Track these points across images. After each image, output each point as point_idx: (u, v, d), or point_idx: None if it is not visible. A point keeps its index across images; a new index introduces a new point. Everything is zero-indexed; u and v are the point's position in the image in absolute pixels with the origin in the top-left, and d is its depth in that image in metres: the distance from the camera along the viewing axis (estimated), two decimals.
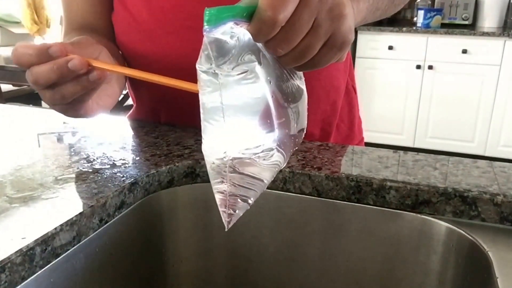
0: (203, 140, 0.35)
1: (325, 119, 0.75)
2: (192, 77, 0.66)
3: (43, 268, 0.40)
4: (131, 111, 0.82)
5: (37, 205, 0.44)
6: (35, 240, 0.38)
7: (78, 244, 0.43)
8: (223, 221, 0.37)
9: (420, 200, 0.50)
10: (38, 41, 3.37)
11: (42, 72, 0.45)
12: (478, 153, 3.12)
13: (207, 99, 0.33)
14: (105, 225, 0.47)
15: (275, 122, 0.36)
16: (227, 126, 0.33)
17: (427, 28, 3.08)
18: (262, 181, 0.38)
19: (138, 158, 0.58)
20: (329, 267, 0.56)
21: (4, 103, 2.46)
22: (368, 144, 0.79)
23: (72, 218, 0.42)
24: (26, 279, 0.38)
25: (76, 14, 0.71)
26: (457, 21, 3.32)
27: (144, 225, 0.54)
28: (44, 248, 0.39)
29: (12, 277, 0.36)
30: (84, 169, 0.53)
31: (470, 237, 0.47)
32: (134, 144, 0.64)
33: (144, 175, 0.52)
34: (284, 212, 0.56)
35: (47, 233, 0.40)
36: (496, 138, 3.07)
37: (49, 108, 0.54)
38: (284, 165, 0.40)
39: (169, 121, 0.73)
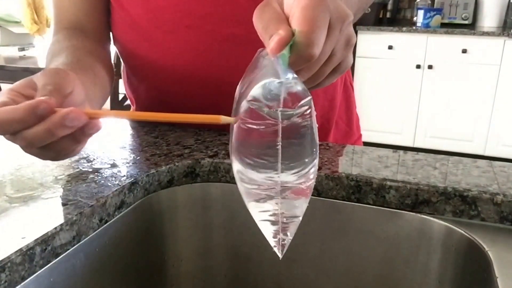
0: (239, 172, 0.35)
1: (324, 115, 0.75)
2: (188, 75, 0.67)
3: (43, 267, 0.40)
4: (131, 111, 0.82)
5: (37, 205, 0.44)
6: (35, 240, 0.38)
7: (78, 244, 0.43)
8: (275, 250, 0.36)
9: (420, 199, 0.50)
10: (38, 40, 3.37)
11: (36, 135, 0.39)
12: (478, 152, 3.12)
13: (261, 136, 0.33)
14: (105, 225, 0.47)
15: (316, 138, 0.36)
16: (282, 160, 0.33)
17: (427, 28, 3.08)
18: (306, 199, 0.37)
19: (138, 157, 0.58)
20: (329, 267, 0.56)
21: None
22: (367, 144, 0.79)
23: (72, 217, 0.42)
24: (26, 279, 0.38)
25: (66, 13, 0.70)
26: (457, 21, 3.32)
27: (144, 224, 0.54)
28: (44, 248, 0.39)
29: (12, 276, 0.36)
30: (84, 169, 0.53)
31: (470, 237, 0.47)
32: (134, 143, 0.64)
33: (144, 174, 0.52)
34: None
35: (47, 233, 0.40)
36: (496, 137, 3.07)
37: None
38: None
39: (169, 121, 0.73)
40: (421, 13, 3.16)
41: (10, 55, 3.01)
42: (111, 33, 0.73)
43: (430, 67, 3.09)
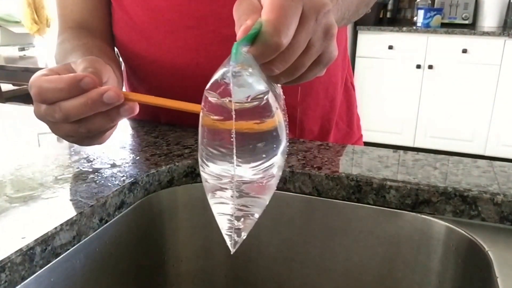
0: (202, 163, 0.35)
1: (324, 115, 0.75)
2: (188, 76, 0.67)
3: (43, 267, 0.40)
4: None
5: (37, 205, 0.44)
6: (35, 240, 0.38)
7: (78, 244, 0.43)
8: (228, 244, 0.36)
9: (420, 199, 0.50)
10: (38, 40, 3.37)
11: (74, 107, 0.41)
12: (478, 152, 3.12)
13: (216, 126, 0.33)
14: (105, 225, 0.47)
15: (279, 136, 0.37)
16: (238, 153, 0.33)
17: (427, 28, 3.08)
18: (267, 197, 0.37)
19: (138, 157, 0.58)
20: (329, 266, 0.56)
21: (4, 102, 2.46)
22: (368, 144, 0.79)
23: (72, 217, 0.42)
24: (26, 279, 0.38)
25: (71, 12, 0.70)
26: (457, 21, 3.32)
27: (144, 224, 0.54)
28: (44, 248, 0.39)
29: (12, 276, 0.36)
30: (84, 169, 0.53)
31: (470, 237, 0.47)
32: (134, 143, 0.64)
33: (144, 174, 0.52)
34: (284, 212, 0.56)
35: (47, 233, 0.40)
36: (496, 137, 3.07)
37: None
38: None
39: (169, 121, 0.73)
40: (421, 13, 3.16)
41: (10, 55, 3.02)
42: None
43: (430, 67, 3.09)
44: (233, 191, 0.34)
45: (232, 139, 0.32)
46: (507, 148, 3.06)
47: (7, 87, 2.87)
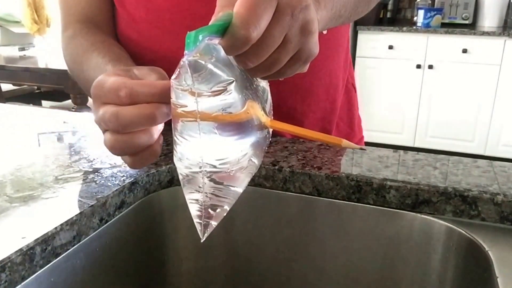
0: (175, 153, 0.35)
1: (325, 117, 0.75)
2: None
3: (43, 267, 0.40)
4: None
5: (37, 205, 0.44)
6: (35, 240, 0.38)
7: (78, 244, 0.43)
8: (198, 231, 0.36)
9: (420, 199, 0.50)
10: (38, 40, 3.37)
11: (166, 114, 0.37)
12: (478, 152, 3.12)
13: (183, 115, 0.33)
14: (105, 225, 0.47)
15: (249, 129, 0.37)
16: (203, 141, 0.33)
17: (427, 28, 3.08)
18: (238, 188, 0.37)
19: None
20: (329, 266, 0.56)
21: (4, 102, 2.46)
22: (368, 144, 0.79)
23: (72, 217, 0.42)
24: (26, 279, 0.38)
25: (77, 6, 0.70)
26: (457, 21, 3.32)
27: (144, 224, 0.54)
28: (44, 248, 0.39)
29: (12, 276, 0.36)
30: (84, 169, 0.53)
31: (470, 237, 0.47)
32: None
33: (144, 174, 0.52)
34: (284, 212, 0.56)
35: (47, 233, 0.40)
36: (496, 137, 3.07)
37: (49, 108, 0.53)
38: (257, 169, 0.40)
39: (169, 121, 0.73)
40: (421, 13, 3.16)
41: (10, 55, 3.01)
42: None
43: (430, 67, 3.09)
44: (202, 179, 0.34)
45: (197, 128, 0.33)
46: (507, 148, 3.06)
47: (7, 87, 2.87)
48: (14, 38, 3.38)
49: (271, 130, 0.42)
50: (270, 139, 0.41)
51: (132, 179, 0.51)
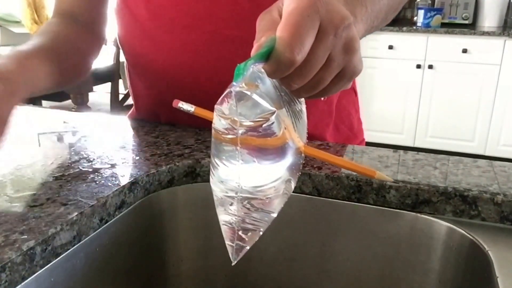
0: (212, 175, 0.35)
1: (323, 119, 0.75)
2: (189, 76, 0.67)
3: (43, 267, 0.40)
4: (131, 110, 0.82)
5: (37, 205, 0.44)
6: (35, 240, 0.38)
7: (79, 244, 0.43)
8: (230, 254, 0.36)
9: (420, 199, 0.50)
10: None
11: None
12: (478, 152, 3.12)
13: (223, 141, 0.33)
14: (105, 225, 0.47)
15: (286, 153, 0.37)
16: (242, 168, 0.33)
17: (427, 28, 3.08)
18: (272, 213, 0.38)
19: (138, 157, 0.58)
20: (329, 267, 0.56)
21: None
22: (368, 144, 0.79)
23: (72, 217, 0.42)
24: (27, 279, 0.38)
25: (61, 1, 0.73)
26: (457, 21, 3.32)
27: (144, 224, 0.54)
28: (45, 248, 0.39)
29: (12, 276, 0.36)
30: (84, 169, 0.53)
31: (470, 237, 0.47)
32: (134, 143, 0.64)
33: (144, 174, 0.52)
34: (284, 212, 0.56)
35: (47, 233, 0.40)
36: (496, 137, 3.07)
37: (49, 108, 0.53)
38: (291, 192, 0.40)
39: (169, 121, 0.73)
40: (421, 13, 3.15)
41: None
42: (112, 31, 0.74)
43: (430, 67, 3.09)
44: (237, 204, 0.35)
45: (237, 155, 0.33)
46: (507, 148, 3.06)
47: None
48: (14, 38, 3.38)
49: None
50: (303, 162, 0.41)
51: (132, 179, 0.51)
